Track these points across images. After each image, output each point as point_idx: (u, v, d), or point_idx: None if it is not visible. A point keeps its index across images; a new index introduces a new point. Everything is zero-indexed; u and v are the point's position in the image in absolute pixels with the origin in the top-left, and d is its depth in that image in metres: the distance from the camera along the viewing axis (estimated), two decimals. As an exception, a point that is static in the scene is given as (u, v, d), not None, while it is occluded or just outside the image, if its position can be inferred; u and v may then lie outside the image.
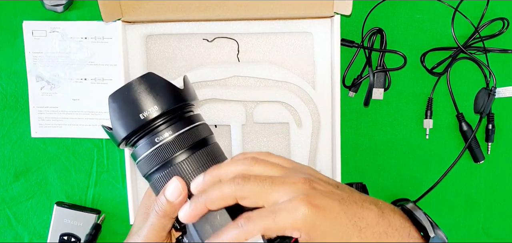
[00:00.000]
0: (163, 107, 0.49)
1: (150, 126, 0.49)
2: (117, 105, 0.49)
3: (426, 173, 0.76)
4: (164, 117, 0.49)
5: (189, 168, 0.49)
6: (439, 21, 0.74)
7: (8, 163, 0.78)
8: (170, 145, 0.49)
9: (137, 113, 0.48)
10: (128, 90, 0.49)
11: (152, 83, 0.49)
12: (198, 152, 0.50)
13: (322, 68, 0.71)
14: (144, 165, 0.50)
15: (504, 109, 0.76)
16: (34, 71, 0.76)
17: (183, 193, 0.48)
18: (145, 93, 0.49)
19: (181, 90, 0.51)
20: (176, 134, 0.49)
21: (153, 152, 0.49)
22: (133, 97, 0.49)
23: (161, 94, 0.49)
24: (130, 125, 0.49)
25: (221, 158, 0.52)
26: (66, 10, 0.75)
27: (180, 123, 0.50)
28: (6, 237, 0.79)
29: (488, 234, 0.78)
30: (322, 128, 0.71)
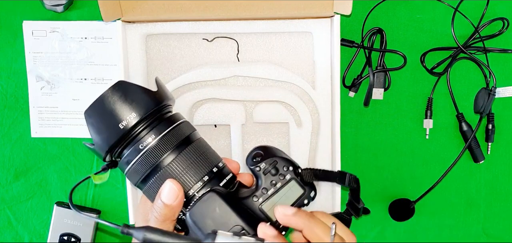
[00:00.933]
0: (141, 113, 0.48)
1: (131, 134, 0.49)
2: (95, 120, 0.48)
3: (426, 173, 0.76)
4: (144, 122, 0.49)
5: (179, 167, 0.49)
6: (439, 21, 0.74)
7: (8, 163, 0.78)
8: (155, 149, 0.48)
9: (116, 124, 0.48)
10: (103, 102, 0.48)
11: (125, 90, 0.48)
12: (185, 151, 0.49)
13: (322, 68, 0.71)
14: (133, 174, 0.50)
15: (504, 109, 0.76)
16: (34, 71, 0.76)
17: (180, 194, 0.48)
18: (120, 102, 0.48)
19: (155, 92, 0.50)
20: (159, 137, 0.49)
21: (140, 159, 0.49)
22: (109, 109, 0.48)
23: (137, 100, 0.48)
24: (111, 136, 0.48)
25: (209, 152, 0.51)
26: (66, 10, 0.75)
27: (161, 125, 0.49)
28: (6, 237, 0.79)
29: (488, 234, 0.78)
30: (322, 128, 0.71)
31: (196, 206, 0.48)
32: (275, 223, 0.50)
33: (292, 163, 0.52)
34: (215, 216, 0.47)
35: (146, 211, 0.53)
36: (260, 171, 0.51)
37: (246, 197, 0.50)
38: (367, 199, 0.77)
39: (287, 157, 0.52)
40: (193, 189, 0.49)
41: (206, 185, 0.49)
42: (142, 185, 0.50)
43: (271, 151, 0.52)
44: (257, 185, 0.51)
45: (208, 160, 0.50)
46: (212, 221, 0.47)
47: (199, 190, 0.49)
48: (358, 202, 0.56)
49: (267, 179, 0.51)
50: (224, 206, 0.47)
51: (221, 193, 0.49)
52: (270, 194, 0.50)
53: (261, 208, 0.50)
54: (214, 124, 0.73)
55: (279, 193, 0.50)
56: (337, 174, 0.55)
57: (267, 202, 0.50)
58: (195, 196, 0.49)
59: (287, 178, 0.51)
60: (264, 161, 0.51)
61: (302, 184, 0.51)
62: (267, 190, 0.50)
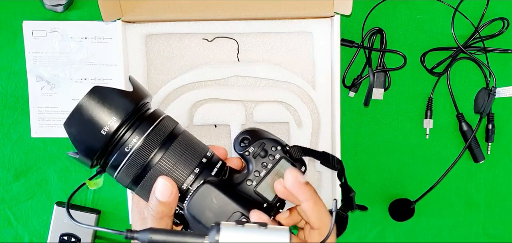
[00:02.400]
0: (121, 115, 0.48)
1: (115, 138, 0.48)
2: (75, 130, 0.48)
3: (426, 173, 0.76)
4: (126, 124, 0.48)
5: (169, 163, 0.49)
6: (439, 21, 0.74)
7: (8, 163, 0.78)
8: (142, 149, 0.48)
9: (98, 131, 0.47)
10: (81, 111, 0.47)
11: (102, 95, 0.48)
12: (172, 146, 0.49)
13: (322, 68, 0.71)
14: (123, 176, 0.49)
15: (504, 109, 0.76)
16: (34, 71, 0.76)
17: (174, 189, 0.48)
18: (98, 108, 0.47)
19: (132, 92, 0.50)
20: (144, 136, 0.49)
21: (128, 162, 0.48)
22: (88, 117, 0.47)
23: (115, 103, 0.48)
24: (95, 144, 0.48)
25: (195, 143, 0.51)
26: (66, 10, 0.75)
27: (144, 124, 0.49)
28: (6, 237, 0.79)
29: (488, 234, 0.78)
30: (322, 128, 0.71)
31: (193, 200, 0.48)
32: (272, 202, 0.50)
33: (279, 142, 0.52)
34: (213, 206, 0.47)
35: (140, 210, 0.53)
36: (249, 155, 0.51)
37: (240, 182, 0.50)
38: (367, 199, 0.77)
39: (274, 137, 0.53)
40: (186, 182, 0.49)
41: (199, 177, 0.49)
42: (134, 186, 0.50)
43: (257, 133, 0.53)
44: (248, 169, 0.51)
45: (196, 152, 0.50)
46: (211, 212, 0.47)
47: (192, 182, 0.49)
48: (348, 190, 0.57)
49: (258, 161, 0.51)
50: (221, 196, 0.47)
51: (215, 182, 0.49)
52: (263, 176, 0.50)
53: (256, 190, 0.50)
54: (214, 124, 0.73)
55: (271, 173, 0.51)
56: (321, 154, 0.56)
57: (261, 184, 0.50)
58: (189, 190, 0.49)
59: (276, 158, 0.51)
60: (252, 144, 0.51)
61: (292, 161, 0.52)
62: (259, 173, 0.51)
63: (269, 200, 0.50)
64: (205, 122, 0.72)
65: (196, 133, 0.73)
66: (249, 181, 0.50)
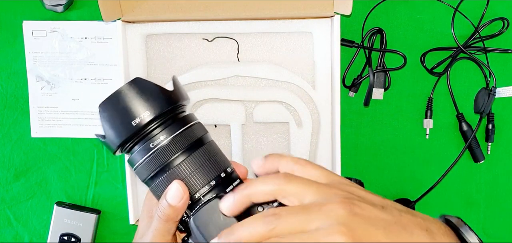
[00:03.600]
0: (155, 112, 0.48)
1: (144, 132, 0.49)
2: (109, 114, 0.49)
3: (426, 173, 0.76)
4: (157, 121, 0.49)
5: (188, 169, 0.49)
6: (439, 21, 0.74)
7: (8, 163, 0.78)
8: (166, 148, 0.48)
9: (130, 120, 0.48)
10: (118, 97, 0.48)
11: (142, 88, 0.49)
12: (195, 153, 0.49)
13: (322, 68, 0.71)
14: (142, 170, 0.50)
15: (504, 109, 0.76)
16: (34, 71, 0.76)
17: (185, 196, 0.48)
18: (136, 99, 0.48)
19: (171, 92, 0.50)
20: (171, 137, 0.49)
21: (150, 157, 0.49)
22: (124, 104, 0.48)
23: (152, 99, 0.49)
24: (123, 132, 0.48)
25: (219, 156, 0.51)
26: (66, 10, 0.75)
27: (174, 125, 0.49)
28: (6, 237, 0.79)
29: (488, 234, 0.78)
30: (322, 128, 0.71)
31: (201, 212, 0.48)
32: None
33: None
34: (219, 223, 0.47)
35: (151, 207, 0.53)
36: None
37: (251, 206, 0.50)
38: (367, 199, 0.77)
39: None
40: (199, 192, 0.49)
41: (213, 190, 0.49)
42: (150, 182, 0.51)
43: None
44: None
45: (216, 164, 0.50)
46: (215, 228, 0.47)
47: (205, 194, 0.49)
48: None
49: None
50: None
51: None
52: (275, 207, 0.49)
53: None
54: (214, 124, 0.73)
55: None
56: None
57: None
58: (200, 200, 0.49)
59: None
60: None
61: None
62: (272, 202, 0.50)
63: None
64: (205, 121, 0.72)
65: (196, 133, 0.73)
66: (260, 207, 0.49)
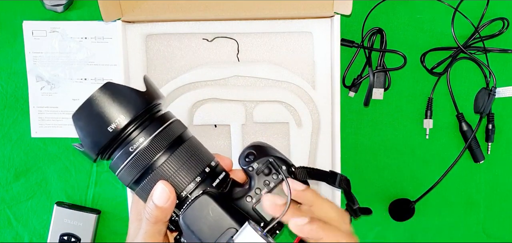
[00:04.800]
0: (131, 114, 0.47)
1: (121, 136, 0.48)
2: (83, 123, 0.48)
3: (426, 173, 0.76)
4: (134, 123, 0.48)
5: (172, 168, 0.48)
6: (439, 21, 0.74)
7: (8, 163, 0.78)
8: (147, 150, 0.48)
9: (106, 126, 0.47)
10: (91, 104, 0.47)
11: (114, 92, 0.48)
12: (177, 151, 0.48)
13: (322, 68, 0.71)
14: (125, 175, 0.49)
15: (504, 109, 0.76)
16: (34, 71, 0.76)
17: (171, 195, 0.48)
18: (109, 103, 0.47)
19: (144, 92, 0.49)
20: (150, 138, 0.48)
21: (131, 161, 0.48)
22: (98, 111, 0.47)
23: (126, 101, 0.47)
24: (101, 139, 0.47)
25: (201, 151, 0.51)
26: (66, 10, 0.75)
27: (152, 125, 0.49)
28: (6, 237, 0.79)
29: (488, 234, 0.78)
30: (322, 128, 0.71)
31: (189, 209, 0.47)
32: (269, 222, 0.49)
33: (286, 162, 0.51)
34: (208, 219, 0.47)
35: (139, 211, 0.53)
36: (253, 171, 0.50)
37: (240, 197, 0.50)
38: (367, 199, 0.77)
39: (280, 156, 0.51)
40: (185, 190, 0.48)
41: (199, 186, 0.49)
42: (135, 186, 0.50)
43: (264, 150, 0.52)
44: (250, 185, 0.50)
45: (200, 160, 0.50)
46: (205, 225, 0.47)
47: (192, 191, 0.48)
48: (353, 203, 0.56)
49: (260, 178, 0.50)
50: (217, 209, 0.47)
51: (214, 195, 0.48)
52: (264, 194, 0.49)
53: (255, 208, 0.49)
54: (214, 124, 0.73)
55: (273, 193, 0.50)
56: (329, 174, 0.54)
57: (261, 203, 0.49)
58: (188, 198, 0.48)
59: (280, 178, 0.50)
60: (256, 160, 0.50)
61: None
62: (260, 190, 0.50)
63: (267, 219, 0.49)
64: (205, 122, 0.72)
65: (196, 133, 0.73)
66: (249, 198, 0.49)
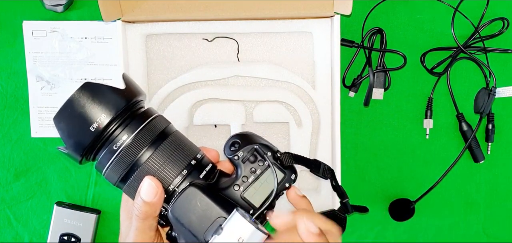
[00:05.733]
0: (112, 112, 0.47)
1: (104, 135, 0.48)
2: (65, 125, 0.48)
3: (426, 173, 0.76)
4: (116, 121, 0.48)
5: (157, 163, 0.48)
6: (439, 21, 0.74)
7: (8, 163, 0.78)
8: (131, 147, 0.48)
9: (88, 126, 0.47)
10: (72, 106, 0.47)
11: (93, 91, 0.48)
12: (161, 145, 0.48)
13: (322, 68, 0.71)
14: (111, 174, 0.49)
15: (504, 109, 0.76)
16: (34, 71, 0.76)
17: (159, 190, 0.48)
18: (90, 103, 0.47)
19: (124, 90, 0.49)
20: (134, 134, 0.48)
21: (116, 159, 0.48)
22: (79, 112, 0.47)
23: (106, 100, 0.47)
24: (84, 140, 0.47)
25: (186, 144, 0.51)
26: (66, 10, 0.75)
27: (134, 122, 0.49)
28: (6, 237, 0.79)
29: (488, 234, 0.78)
30: (322, 127, 0.71)
31: (177, 202, 0.47)
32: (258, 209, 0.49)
33: (270, 148, 0.51)
34: (197, 210, 0.47)
35: (128, 209, 0.52)
36: (238, 159, 0.50)
37: (227, 187, 0.50)
38: (367, 199, 0.77)
39: (265, 142, 0.52)
40: (173, 184, 0.48)
41: (186, 179, 0.49)
42: (122, 184, 0.50)
43: (248, 138, 0.52)
44: (237, 174, 0.50)
45: (185, 153, 0.50)
46: (194, 216, 0.47)
47: (179, 184, 0.48)
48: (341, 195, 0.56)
49: (246, 166, 0.50)
50: (205, 199, 0.47)
51: (201, 186, 0.48)
52: (251, 182, 0.50)
53: (243, 196, 0.49)
54: (214, 124, 0.73)
55: (260, 180, 0.50)
56: (312, 162, 0.55)
57: (249, 190, 0.50)
58: (175, 191, 0.48)
59: (266, 164, 0.50)
60: (241, 149, 0.51)
61: (282, 168, 0.51)
62: (247, 178, 0.50)
63: (255, 206, 0.50)
64: (205, 122, 0.72)
65: (196, 133, 0.73)
66: (236, 186, 0.50)
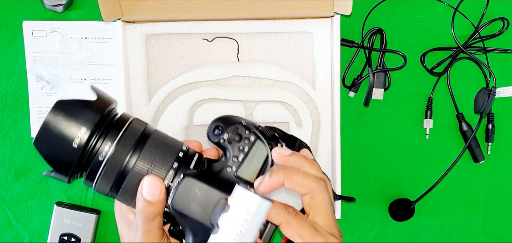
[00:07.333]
0: (90, 125, 0.47)
1: (87, 149, 0.48)
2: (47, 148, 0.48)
3: (426, 173, 0.76)
4: (96, 133, 0.48)
5: (146, 164, 0.48)
6: (439, 21, 0.74)
7: (8, 163, 0.78)
8: (115, 155, 0.48)
9: (70, 144, 0.47)
10: (49, 128, 0.47)
11: (67, 109, 0.48)
12: (145, 146, 0.49)
13: (322, 68, 0.71)
14: (102, 185, 0.49)
15: (504, 109, 0.76)
16: (34, 71, 0.76)
17: (161, 186, 0.48)
18: (66, 121, 0.47)
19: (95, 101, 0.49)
20: (115, 142, 0.48)
21: (104, 170, 0.48)
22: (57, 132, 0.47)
23: (81, 114, 0.48)
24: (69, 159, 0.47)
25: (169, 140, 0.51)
26: (66, 10, 0.75)
27: (113, 130, 0.49)
28: (6, 237, 0.79)
29: (488, 234, 0.78)
30: (322, 128, 0.71)
31: (176, 195, 0.48)
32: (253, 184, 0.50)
33: (253, 124, 0.52)
34: (198, 198, 0.47)
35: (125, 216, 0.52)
36: (225, 142, 0.51)
37: (220, 170, 0.50)
38: (367, 199, 0.77)
39: (246, 120, 0.52)
40: (166, 179, 0.49)
41: (178, 172, 0.49)
42: (115, 194, 0.50)
43: (229, 119, 0.52)
44: (226, 156, 0.51)
45: (171, 148, 0.50)
46: (196, 204, 0.47)
47: (173, 179, 0.49)
48: None
49: (234, 146, 0.51)
50: (203, 186, 0.47)
51: (195, 174, 0.49)
52: (242, 160, 0.50)
53: (237, 175, 0.50)
54: (214, 124, 0.73)
55: (249, 156, 0.50)
56: (288, 136, 0.56)
57: (242, 167, 0.50)
58: (170, 186, 0.49)
59: (252, 139, 0.51)
60: (225, 131, 0.51)
61: (268, 140, 0.52)
62: (237, 157, 0.50)
63: (251, 182, 0.50)
64: (205, 122, 0.72)
65: (196, 133, 0.73)
66: (228, 167, 0.50)
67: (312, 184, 0.48)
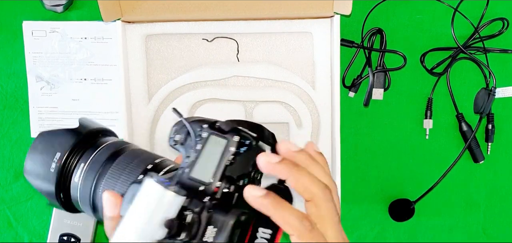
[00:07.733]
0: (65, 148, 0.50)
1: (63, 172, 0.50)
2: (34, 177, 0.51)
3: (426, 173, 0.76)
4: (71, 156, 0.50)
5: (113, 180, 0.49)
6: (439, 21, 0.74)
7: (8, 163, 0.78)
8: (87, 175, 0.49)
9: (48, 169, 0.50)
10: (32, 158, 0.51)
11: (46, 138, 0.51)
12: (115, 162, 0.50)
13: (322, 68, 0.71)
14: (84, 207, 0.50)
15: (504, 109, 0.76)
16: (34, 71, 0.76)
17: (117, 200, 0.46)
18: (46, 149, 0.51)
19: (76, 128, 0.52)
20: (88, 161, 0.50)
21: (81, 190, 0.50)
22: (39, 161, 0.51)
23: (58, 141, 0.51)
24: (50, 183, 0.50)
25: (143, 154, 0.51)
26: (66, 10, 0.75)
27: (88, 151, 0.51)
28: (6, 237, 0.79)
29: (488, 234, 0.78)
30: (322, 128, 0.71)
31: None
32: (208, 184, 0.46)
33: (206, 121, 0.49)
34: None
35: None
36: (177, 144, 0.49)
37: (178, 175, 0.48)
38: (367, 199, 0.77)
39: (199, 118, 0.50)
40: None
41: None
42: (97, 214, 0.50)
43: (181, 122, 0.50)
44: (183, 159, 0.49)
45: (141, 161, 0.50)
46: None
47: None
48: None
49: (187, 147, 0.48)
50: None
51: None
52: (195, 159, 0.47)
53: (190, 177, 0.46)
54: (214, 124, 0.73)
55: (203, 154, 0.47)
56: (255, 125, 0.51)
57: (195, 168, 0.46)
58: None
59: (204, 136, 0.48)
60: (178, 133, 0.49)
61: (223, 134, 0.48)
62: (189, 157, 0.47)
63: (205, 182, 0.46)
64: (205, 122, 0.72)
65: (196, 133, 0.73)
66: (180, 169, 0.47)
67: (317, 191, 0.45)
